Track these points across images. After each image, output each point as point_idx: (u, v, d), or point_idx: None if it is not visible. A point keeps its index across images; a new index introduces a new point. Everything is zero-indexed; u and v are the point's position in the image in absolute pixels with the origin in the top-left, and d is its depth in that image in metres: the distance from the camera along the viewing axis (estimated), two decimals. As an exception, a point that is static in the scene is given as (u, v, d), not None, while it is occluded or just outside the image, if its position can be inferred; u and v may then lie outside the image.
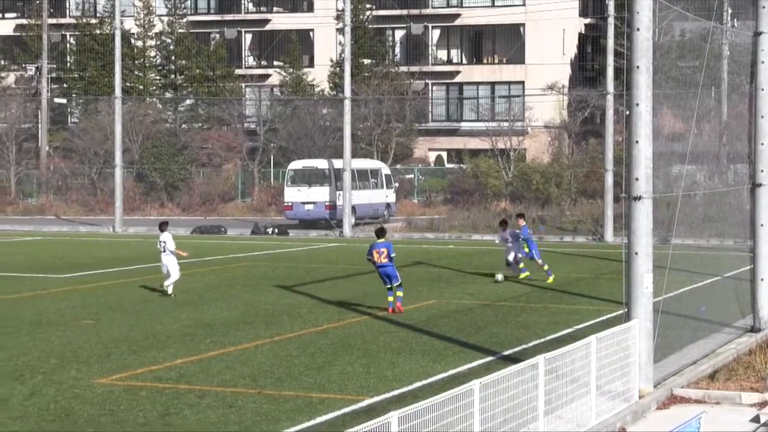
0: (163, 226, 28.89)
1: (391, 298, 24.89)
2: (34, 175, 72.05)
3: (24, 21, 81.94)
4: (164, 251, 27.97)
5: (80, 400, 16.14)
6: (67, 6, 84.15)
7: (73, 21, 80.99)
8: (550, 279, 30.81)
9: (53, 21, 78.69)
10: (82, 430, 14.54)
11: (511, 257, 31.56)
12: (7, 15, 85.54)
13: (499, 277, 31.20)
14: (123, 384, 17.24)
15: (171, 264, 27.91)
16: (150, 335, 21.91)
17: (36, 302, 27.11)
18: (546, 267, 31.21)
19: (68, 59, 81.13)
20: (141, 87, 76.04)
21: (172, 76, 78.03)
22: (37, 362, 19.06)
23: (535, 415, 13.08)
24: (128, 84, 71.29)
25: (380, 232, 25.28)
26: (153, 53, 78.69)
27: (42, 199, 69.34)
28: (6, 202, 67.89)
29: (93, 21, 79.59)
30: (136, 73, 76.81)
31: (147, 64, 78.05)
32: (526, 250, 31.18)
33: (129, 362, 19.09)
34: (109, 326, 23.17)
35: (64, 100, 78.77)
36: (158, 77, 78.44)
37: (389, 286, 24.80)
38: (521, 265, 31.44)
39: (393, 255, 24.64)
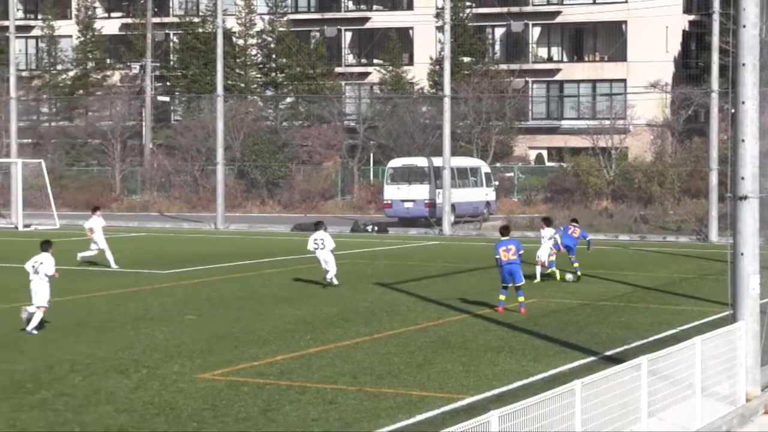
0: (319, 225, 30.28)
1: (503, 297, 24.79)
2: (138, 172, 73.11)
3: (129, 20, 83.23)
4: (323, 247, 29.17)
5: (183, 395, 16.33)
6: (171, 5, 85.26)
7: (176, 20, 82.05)
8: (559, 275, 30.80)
9: (157, 20, 79.80)
10: (185, 424, 14.70)
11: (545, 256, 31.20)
12: (113, 14, 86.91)
13: (569, 276, 30.93)
14: (225, 379, 17.40)
15: (330, 258, 29.29)
16: (251, 331, 22.09)
17: (140, 297, 27.51)
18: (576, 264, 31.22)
19: (171, 58, 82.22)
20: (242, 85, 76.77)
21: (273, 74, 78.66)
22: (142, 356, 19.33)
23: (638, 416, 12.93)
24: (230, 82, 72.01)
25: (505, 230, 25.40)
26: (254, 51, 79.41)
27: (146, 195, 70.35)
28: (111, 199, 68.99)
29: (195, 20, 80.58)
30: (238, 71, 77.56)
31: (248, 63, 78.78)
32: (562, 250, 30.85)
33: (231, 358, 19.27)
34: (211, 322, 23.41)
35: (167, 98, 79.87)
36: (259, 75, 79.11)
37: (509, 285, 24.63)
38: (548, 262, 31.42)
39: (521, 252, 24.74)
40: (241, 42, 78.68)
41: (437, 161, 53.23)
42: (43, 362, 18.70)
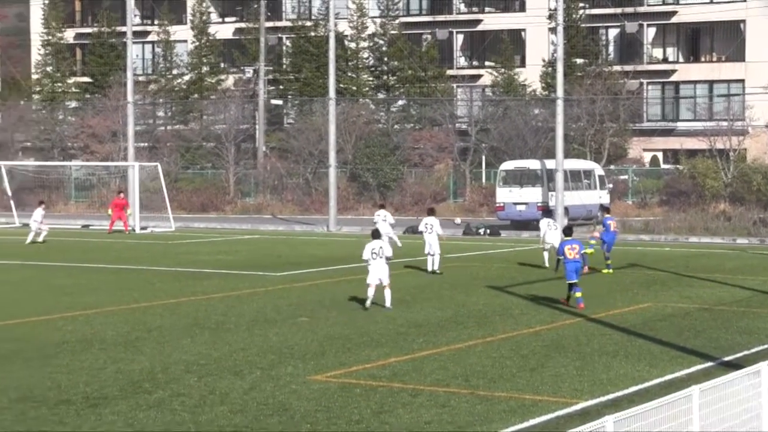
0: (431, 211, 36.06)
1: (579, 294, 25.56)
2: (252, 174, 73.84)
3: (243, 25, 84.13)
4: (430, 231, 33.63)
5: (297, 396, 16.41)
6: (284, 9, 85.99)
7: (288, 24, 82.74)
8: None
9: (270, 24, 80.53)
10: (298, 425, 14.76)
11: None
12: (227, 19, 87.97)
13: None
14: (338, 381, 17.45)
15: (435, 242, 33.37)
16: (364, 333, 22.13)
17: (254, 299, 27.74)
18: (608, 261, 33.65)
19: (284, 61, 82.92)
20: (354, 88, 77.11)
21: (385, 77, 78.88)
22: (256, 358, 19.47)
23: (758, 424, 12.64)
24: (342, 85, 72.39)
25: (568, 231, 27.23)
26: (366, 55, 79.71)
27: (259, 198, 71.01)
28: (225, 201, 69.81)
29: (308, 23, 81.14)
30: (350, 74, 77.94)
31: (360, 66, 79.11)
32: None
33: (344, 360, 19.32)
34: (324, 324, 23.51)
35: (280, 102, 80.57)
36: (371, 78, 79.39)
37: (574, 281, 25.50)
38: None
39: (583, 252, 26.13)
40: (352, 45, 79.06)
41: (550, 164, 52.82)
42: (160, 362, 18.95)
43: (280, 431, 14.52)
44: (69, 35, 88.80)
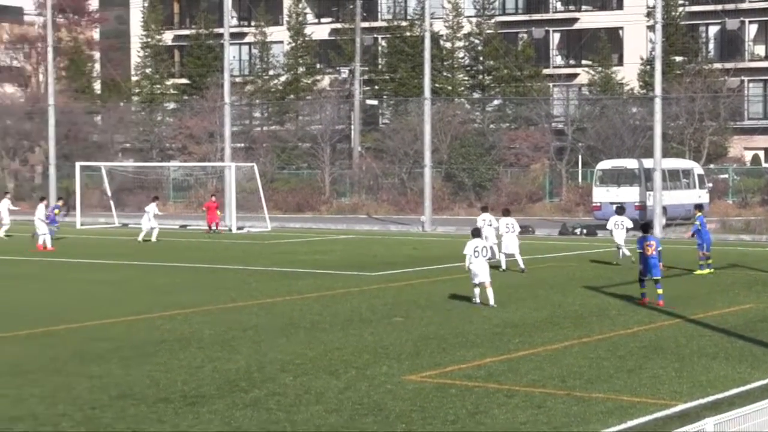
0: (506, 212, 35.69)
1: (644, 290, 26.34)
2: (347, 174, 74.09)
3: (338, 25, 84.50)
4: (511, 231, 33.84)
5: (392, 396, 16.37)
6: (379, 10, 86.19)
7: (384, 24, 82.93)
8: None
9: (366, 24, 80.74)
10: (393, 425, 14.72)
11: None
12: (323, 20, 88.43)
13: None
14: (433, 381, 17.38)
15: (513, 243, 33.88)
16: (459, 334, 22.04)
17: (349, 299, 27.80)
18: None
19: (379, 61, 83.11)
20: (449, 88, 77.01)
21: (480, 76, 78.66)
22: (351, 357, 19.49)
23: None
24: (437, 85, 72.31)
25: (647, 227, 28.07)
26: (461, 54, 79.55)
27: (354, 198, 71.23)
28: (321, 202, 70.14)
29: (403, 23, 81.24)
30: (445, 74, 77.85)
31: (455, 65, 78.98)
32: None
33: (439, 360, 19.25)
34: (419, 324, 23.46)
35: (375, 102, 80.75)
36: (466, 78, 79.23)
37: (648, 278, 26.20)
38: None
39: (660, 249, 26.48)
40: (448, 45, 78.95)
41: (647, 163, 52.20)
42: (256, 362, 19.05)
43: (375, 431, 14.51)
44: (167, 37, 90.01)
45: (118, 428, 14.55)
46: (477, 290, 26.14)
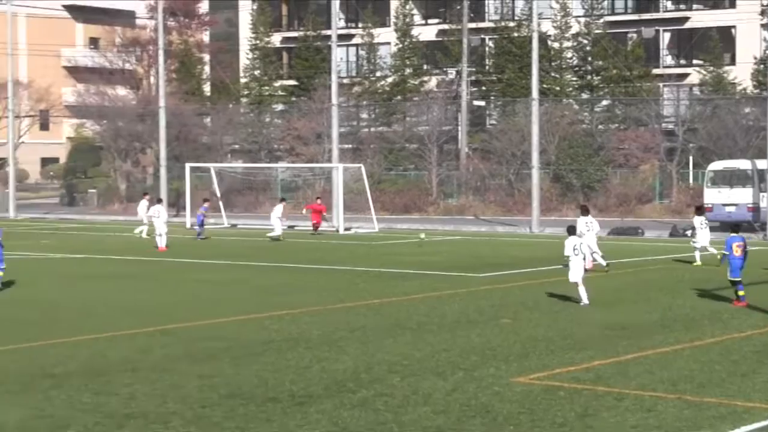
0: (584, 210, 35.26)
1: (742, 292, 26.02)
2: (454, 176, 74.01)
3: (446, 26, 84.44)
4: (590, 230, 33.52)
5: (499, 398, 16.29)
6: (486, 10, 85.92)
7: (491, 25, 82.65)
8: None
9: (473, 25, 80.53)
10: (501, 427, 14.65)
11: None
12: (430, 21, 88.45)
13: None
14: (541, 383, 17.25)
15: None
16: (567, 336, 21.86)
17: (456, 300, 27.73)
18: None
19: (487, 62, 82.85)
20: (557, 88, 76.48)
21: (589, 77, 77.99)
22: (458, 359, 19.43)
23: None
24: (545, 86, 71.86)
25: (737, 228, 28.00)
26: (569, 54, 78.94)
27: (461, 199, 71.13)
28: (428, 203, 70.18)
29: (511, 24, 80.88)
30: (553, 74, 77.33)
31: (563, 66, 78.42)
32: None
33: (547, 362, 19.10)
34: (527, 326, 23.32)
35: (482, 103, 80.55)
36: (574, 78, 78.61)
37: (737, 279, 26.02)
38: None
39: (746, 250, 26.47)
40: (556, 45, 78.41)
41: (761, 164, 51.25)
42: (363, 362, 19.10)
43: (483, 433, 14.45)
44: (276, 39, 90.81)
45: (227, 427, 14.69)
46: (581, 289, 26.12)
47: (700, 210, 38.57)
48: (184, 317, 24.74)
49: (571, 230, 27.30)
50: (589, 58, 77.81)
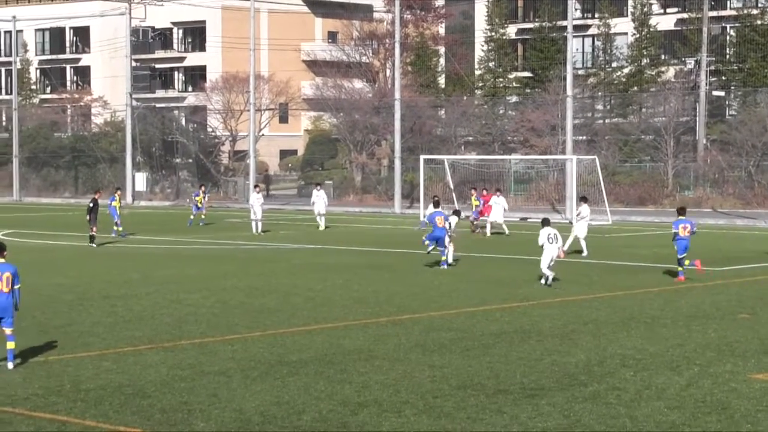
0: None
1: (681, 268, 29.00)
2: (691, 168, 72.34)
3: (685, 15, 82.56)
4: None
5: (736, 395, 15.89)
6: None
7: (733, 13, 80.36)
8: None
9: (713, 14, 78.47)
10: (738, 425, 14.30)
11: None
12: (668, 10, 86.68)
13: None
14: (780, 382, 16.76)
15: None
16: (808, 333, 21.14)
17: (691, 294, 27.21)
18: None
19: (727, 51, 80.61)
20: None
21: None
22: (693, 354, 19.05)
23: None
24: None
25: (682, 211, 30.89)
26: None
27: (698, 191, 69.52)
28: (663, 195, 68.86)
29: (754, 11, 78.46)
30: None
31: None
32: None
33: (786, 360, 18.54)
34: (766, 322, 22.66)
35: (722, 93, 78.40)
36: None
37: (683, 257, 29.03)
38: None
39: (695, 231, 29.91)
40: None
41: None
42: (596, 356, 18.94)
43: (718, 430, 14.12)
44: (511, 31, 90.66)
45: (458, 417, 14.81)
46: None
47: None
48: (417, 308, 25.02)
49: None
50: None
